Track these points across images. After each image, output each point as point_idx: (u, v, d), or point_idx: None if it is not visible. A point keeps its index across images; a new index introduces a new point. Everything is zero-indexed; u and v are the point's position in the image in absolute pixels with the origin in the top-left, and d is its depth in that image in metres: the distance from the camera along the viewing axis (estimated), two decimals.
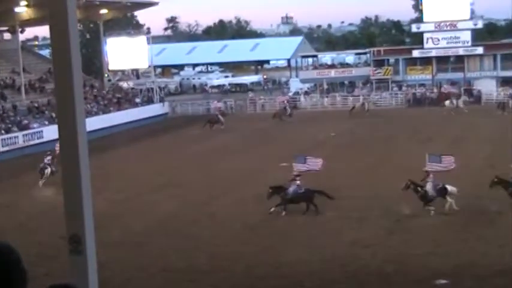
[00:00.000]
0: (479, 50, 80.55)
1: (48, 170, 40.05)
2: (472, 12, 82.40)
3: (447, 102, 69.55)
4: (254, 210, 33.07)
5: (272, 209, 32.09)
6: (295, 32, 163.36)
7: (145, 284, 23.91)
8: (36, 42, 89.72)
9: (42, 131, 58.36)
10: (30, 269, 3.74)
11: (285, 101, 75.23)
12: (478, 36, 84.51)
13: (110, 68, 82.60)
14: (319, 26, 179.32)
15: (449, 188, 31.82)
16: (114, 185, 39.40)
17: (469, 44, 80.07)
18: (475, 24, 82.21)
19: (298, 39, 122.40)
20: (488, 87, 77.07)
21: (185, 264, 25.63)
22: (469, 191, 32.66)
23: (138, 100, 79.48)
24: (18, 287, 3.85)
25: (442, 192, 31.72)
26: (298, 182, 33.43)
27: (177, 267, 25.26)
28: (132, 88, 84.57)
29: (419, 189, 31.92)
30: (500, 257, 24.40)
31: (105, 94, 77.28)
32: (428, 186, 31.87)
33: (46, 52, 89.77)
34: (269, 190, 32.70)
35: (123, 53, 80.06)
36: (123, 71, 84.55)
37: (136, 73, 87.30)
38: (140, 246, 28.00)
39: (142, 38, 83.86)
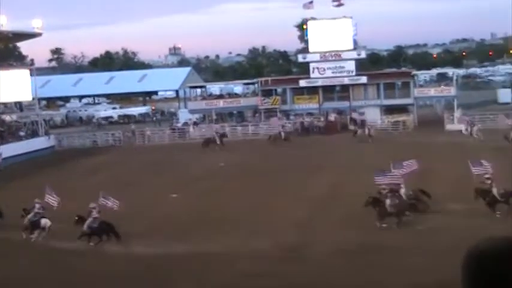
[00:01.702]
0: (363, 80, 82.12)
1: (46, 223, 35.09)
2: (355, 42, 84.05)
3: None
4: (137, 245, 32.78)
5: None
6: (183, 62, 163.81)
7: None
8: None
9: None
10: None
11: (281, 125, 75.08)
12: (361, 66, 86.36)
13: None
14: (207, 57, 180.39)
15: (43, 221, 33.75)
16: None
17: (354, 73, 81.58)
18: (359, 55, 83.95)
19: (186, 70, 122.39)
20: (372, 116, 78.72)
21: None
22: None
23: (22, 133, 77.63)
24: None
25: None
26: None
27: None
28: (16, 121, 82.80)
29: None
30: (394, 284, 24.68)
31: None
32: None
33: None
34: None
35: (5, 86, 78.12)
36: (5, 104, 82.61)
37: (19, 106, 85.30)
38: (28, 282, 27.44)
39: (26, 70, 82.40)
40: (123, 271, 28.60)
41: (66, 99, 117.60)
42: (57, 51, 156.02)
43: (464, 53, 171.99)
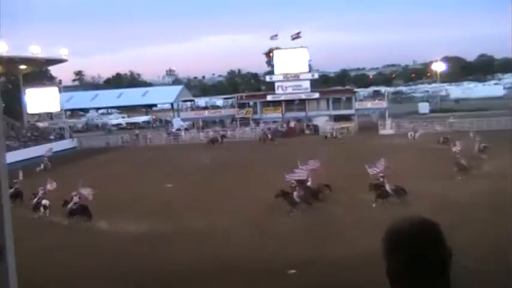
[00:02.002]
0: (316, 95, 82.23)
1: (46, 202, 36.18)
2: (310, 66, 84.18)
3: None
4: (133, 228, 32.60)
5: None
6: (176, 81, 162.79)
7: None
8: None
9: None
10: None
11: (267, 129, 76.14)
12: (315, 84, 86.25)
13: (29, 111, 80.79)
14: (195, 77, 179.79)
15: (43, 201, 35.82)
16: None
17: (309, 90, 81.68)
18: (313, 76, 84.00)
19: (179, 88, 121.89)
20: (323, 123, 79.06)
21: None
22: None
23: (52, 137, 77.48)
24: None
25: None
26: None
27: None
28: (47, 127, 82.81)
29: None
30: (330, 254, 24.72)
31: (24, 132, 75.20)
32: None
33: None
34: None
35: (39, 100, 78.65)
36: (39, 114, 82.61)
37: (50, 115, 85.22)
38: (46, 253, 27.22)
39: (55, 88, 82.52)
40: (115, 246, 28.15)
41: (86, 110, 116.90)
42: (79, 73, 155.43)
43: (393, 75, 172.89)
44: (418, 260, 2.69)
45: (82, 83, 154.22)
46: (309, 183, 35.77)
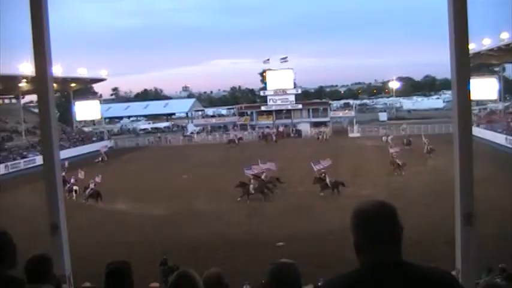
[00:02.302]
0: (300, 106, 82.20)
1: (76, 188, 36.77)
2: (295, 84, 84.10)
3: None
4: (163, 209, 32.43)
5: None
6: (190, 95, 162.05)
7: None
8: (32, 104, 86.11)
9: (35, 159, 56.07)
10: None
11: (271, 132, 75.77)
12: (298, 97, 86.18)
13: (77, 119, 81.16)
14: (205, 92, 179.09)
15: (74, 187, 36.36)
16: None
17: (294, 102, 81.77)
18: (297, 91, 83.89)
19: (192, 100, 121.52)
20: (305, 128, 79.14)
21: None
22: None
23: (94, 139, 77.72)
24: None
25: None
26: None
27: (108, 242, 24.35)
28: (90, 131, 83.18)
29: None
30: (311, 233, 24.81)
31: (74, 135, 75.80)
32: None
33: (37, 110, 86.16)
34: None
35: (84, 110, 79.10)
36: (85, 121, 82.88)
37: (93, 122, 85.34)
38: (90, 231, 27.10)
39: (96, 101, 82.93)
40: (134, 224, 28.03)
41: (120, 118, 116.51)
42: (115, 89, 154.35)
43: (359, 91, 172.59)
44: (378, 234, 2.71)
45: (117, 96, 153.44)
46: (263, 177, 35.44)
